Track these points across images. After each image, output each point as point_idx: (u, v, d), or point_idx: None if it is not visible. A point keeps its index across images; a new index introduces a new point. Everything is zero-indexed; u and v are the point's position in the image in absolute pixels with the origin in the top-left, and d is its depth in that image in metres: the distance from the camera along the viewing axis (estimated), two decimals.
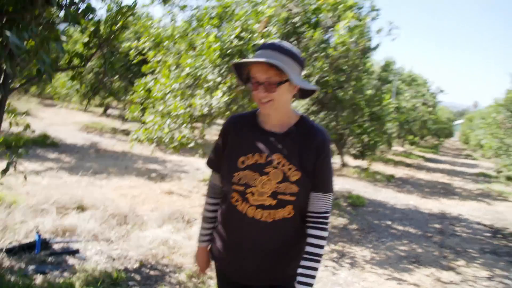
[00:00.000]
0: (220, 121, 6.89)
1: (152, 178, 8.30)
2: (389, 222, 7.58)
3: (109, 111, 21.92)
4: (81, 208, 5.31)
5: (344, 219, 7.26)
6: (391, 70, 12.94)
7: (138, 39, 8.03)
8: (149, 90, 6.51)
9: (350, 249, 5.78)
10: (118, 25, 3.66)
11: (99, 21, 3.64)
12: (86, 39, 3.75)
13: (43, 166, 7.92)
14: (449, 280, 5.11)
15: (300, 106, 7.96)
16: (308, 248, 1.90)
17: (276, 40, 1.90)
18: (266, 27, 5.62)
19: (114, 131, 15.05)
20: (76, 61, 3.81)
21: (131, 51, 7.40)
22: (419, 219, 8.21)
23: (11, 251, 3.89)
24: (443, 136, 43.27)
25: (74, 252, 4.15)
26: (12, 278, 3.38)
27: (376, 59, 13.26)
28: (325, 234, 1.92)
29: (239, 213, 1.91)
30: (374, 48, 7.25)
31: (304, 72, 5.97)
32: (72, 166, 8.13)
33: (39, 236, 4.08)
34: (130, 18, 3.80)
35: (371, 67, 9.52)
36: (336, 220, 7.09)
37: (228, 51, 5.47)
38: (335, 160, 14.18)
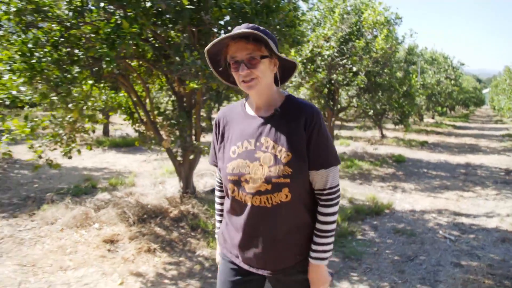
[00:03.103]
0: None
1: None
2: (425, 170, 10.27)
3: None
4: None
5: (392, 169, 10.03)
6: (414, 53, 15.38)
7: None
8: None
9: (400, 184, 8.52)
10: None
11: None
12: None
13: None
14: (468, 196, 7.77)
15: (351, 92, 10.64)
16: (317, 225, 1.88)
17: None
18: (327, 41, 8.39)
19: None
20: None
21: None
22: (448, 167, 10.81)
23: (210, 192, 6.79)
24: (473, 105, 44.87)
25: None
26: None
27: (402, 45, 15.58)
28: (332, 210, 1.87)
29: (238, 202, 1.88)
30: (400, 43, 9.94)
31: (354, 69, 8.72)
32: None
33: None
34: None
35: (397, 53, 12.00)
36: (386, 170, 9.87)
37: (305, 61, 8.27)
38: (375, 133, 16.82)
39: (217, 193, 2.19)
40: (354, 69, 8.62)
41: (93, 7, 3.91)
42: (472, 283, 4.16)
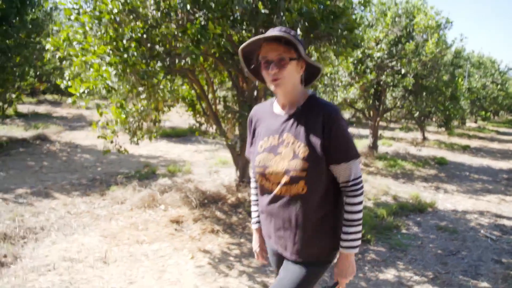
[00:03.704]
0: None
1: None
2: (467, 173, 10.43)
3: None
4: None
5: (434, 171, 10.25)
6: (461, 56, 15.38)
7: None
8: None
9: (442, 185, 8.76)
10: None
11: None
12: None
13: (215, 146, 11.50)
14: (510, 200, 7.94)
15: (395, 93, 10.88)
16: (346, 215, 2.02)
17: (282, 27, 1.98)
18: (377, 44, 8.70)
19: None
20: None
21: None
22: (491, 172, 10.91)
23: None
24: None
25: None
26: None
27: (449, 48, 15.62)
28: (358, 200, 2.00)
29: (266, 190, 2.08)
30: (449, 47, 10.13)
31: (403, 71, 8.99)
32: None
33: None
34: None
35: (445, 57, 12.14)
36: (429, 171, 10.10)
37: (355, 61, 8.63)
38: (416, 135, 16.91)
39: (252, 184, 2.40)
40: (403, 71, 8.89)
41: (179, 9, 4.42)
42: None
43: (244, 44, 1.97)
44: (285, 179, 1.96)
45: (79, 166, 8.54)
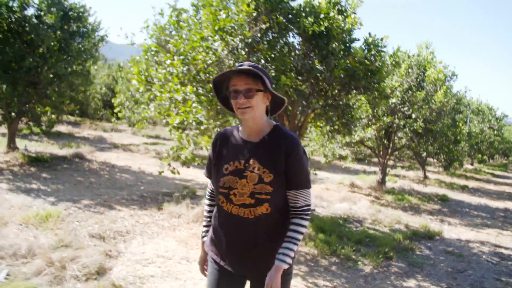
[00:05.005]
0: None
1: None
2: (467, 210, 11.56)
3: None
4: None
5: (438, 206, 11.37)
6: (462, 102, 16.72)
7: None
8: None
9: (446, 219, 9.86)
10: None
11: None
12: None
13: None
14: (507, 234, 9.04)
15: (402, 134, 12.08)
16: (288, 233, 2.17)
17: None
18: (392, 91, 9.94)
19: None
20: None
21: None
22: (488, 210, 12.04)
23: None
24: None
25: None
26: None
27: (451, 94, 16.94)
28: (304, 222, 2.18)
29: (225, 212, 2.21)
30: (453, 96, 11.43)
31: (413, 116, 10.21)
32: None
33: None
34: None
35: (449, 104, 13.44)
36: (433, 206, 11.22)
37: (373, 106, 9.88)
38: (417, 174, 18.09)
39: (207, 202, 2.56)
40: (413, 116, 10.12)
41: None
42: None
43: (216, 75, 2.19)
44: (249, 200, 2.13)
45: (123, 184, 9.56)
